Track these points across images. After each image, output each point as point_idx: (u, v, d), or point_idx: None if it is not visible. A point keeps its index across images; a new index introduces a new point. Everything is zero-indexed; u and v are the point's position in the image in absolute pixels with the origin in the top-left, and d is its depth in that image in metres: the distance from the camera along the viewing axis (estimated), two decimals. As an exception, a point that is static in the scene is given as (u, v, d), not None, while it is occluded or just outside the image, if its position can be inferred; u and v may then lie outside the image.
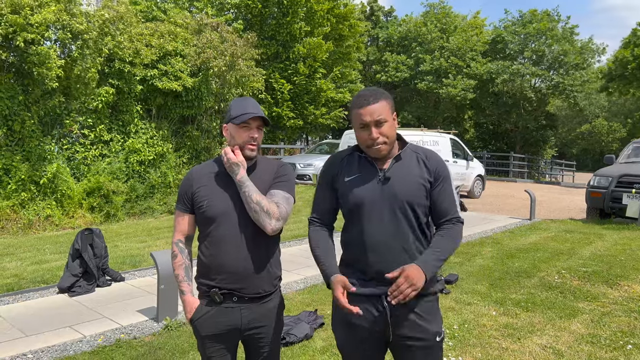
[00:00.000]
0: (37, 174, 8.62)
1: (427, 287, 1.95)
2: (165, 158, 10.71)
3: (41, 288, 5.36)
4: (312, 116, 20.83)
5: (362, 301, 1.97)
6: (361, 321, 1.97)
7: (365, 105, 1.91)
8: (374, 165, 1.98)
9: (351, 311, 1.83)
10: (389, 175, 1.96)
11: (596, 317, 4.60)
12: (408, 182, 1.95)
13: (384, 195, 1.94)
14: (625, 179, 9.30)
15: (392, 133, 1.96)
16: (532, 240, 8.15)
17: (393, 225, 1.93)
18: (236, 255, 2.04)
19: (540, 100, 29.64)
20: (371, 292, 1.95)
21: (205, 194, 2.09)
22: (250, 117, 2.05)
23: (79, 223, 8.98)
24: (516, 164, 26.92)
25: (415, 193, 1.95)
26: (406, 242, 1.94)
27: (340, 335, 2.07)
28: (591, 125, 51.08)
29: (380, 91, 1.97)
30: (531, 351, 3.86)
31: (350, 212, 2.00)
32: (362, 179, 1.98)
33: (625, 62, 21.90)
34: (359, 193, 1.96)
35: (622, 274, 6.01)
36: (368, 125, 1.90)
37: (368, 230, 1.95)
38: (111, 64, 9.61)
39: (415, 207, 1.95)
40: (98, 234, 5.60)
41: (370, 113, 1.90)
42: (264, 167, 2.16)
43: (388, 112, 1.93)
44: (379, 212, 1.94)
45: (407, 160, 2.00)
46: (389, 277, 1.80)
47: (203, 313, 2.09)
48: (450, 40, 27.87)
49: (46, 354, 3.80)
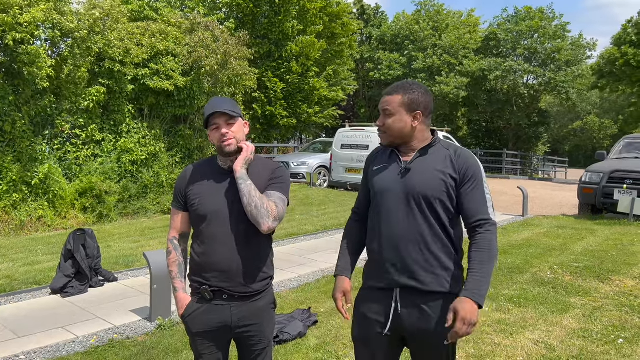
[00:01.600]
0: (29, 174, 8.56)
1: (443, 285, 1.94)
2: (157, 158, 10.66)
3: (33, 289, 5.33)
4: (305, 115, 20.80)
5: (377, 296, 2.02)
6: (374, 315, 2.01)
7: (385, 95, 2.06)
8: (399, 156, 2.05)
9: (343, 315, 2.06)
10: (410, 167, 1.99)
11: (588, 312, 4.63)
12: (428, 175, 1.95)
13: (401, 187, 1.97)
14: (617, 175, 9.38)
15: (395, 127, 2.01)
16: (525, 237, 8.20)
17: (407, 217, 1.95)
18: (226, 254, 2.04)
19: (532, 97, 29.76)
20: (385, 285, 2.00)
21: (197, 192, 2.10)
22: (212, 116, 2.05)
23: (71, 224, 8.93)
24: (509, 160, 27.04)
25: (434, 187, 1.93)
26: (421, 236, 1.93)
27: (356, 327, 2.11)
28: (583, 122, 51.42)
29: (406, 85, 2.04)
30: (523, 346, 3.88)
31: (373, 202, 2.08)
32: (386, 169, 2.05)
33: (614, 59, 22.03)
34: (380, 182, 2.04)
35: (614, 269, 6.06)
36: (380, 113, 2.06)
37: (384, 219, 2.00)
38: (101, 64, 9.55)
39: (431, 200, 1.93)
40: (90, 234, 5.58)
41: (383, 102, 2.05)
42: (260, 167, 2.16)
43: (396, 105, 2.01)
44: (395, 203, 1.97)
45: (433, 155, 2.01)
46: (447, 326, 1.83)
47: (194, 310, 2.11)
48: (443, 38, 27.94)
49: (39, 355, 3.78)
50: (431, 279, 1.93)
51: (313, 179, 14.97)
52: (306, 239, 8.14)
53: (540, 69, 27.78)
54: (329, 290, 5.32)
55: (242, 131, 2.12)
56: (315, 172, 15.37)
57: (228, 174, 2.11)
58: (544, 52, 27.21)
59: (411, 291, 1.94)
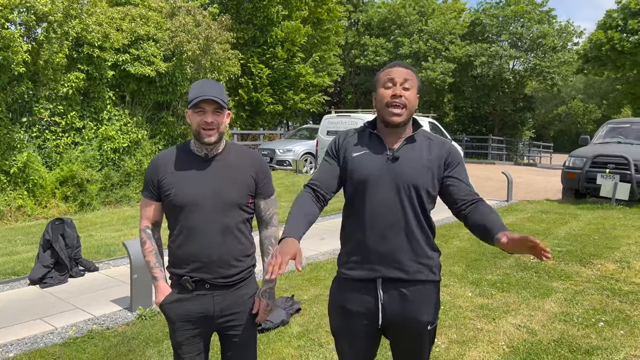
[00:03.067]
0: (7, 163, 8.38)
1: (426, 274, 1.94)
2: (140, 145, 10.50)
3: (11, 280, 5.23)
4: (291, 101, 20.64)
5: (357, 286, 1.95)
6: (356, 306, 1.95)
7: (397, 66, 1.92)
8: (384, 143, 1.95)
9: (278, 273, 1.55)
10: (398, 155, 1.92)
11: (569, 296, 4.66)
12: (417, 165, 1.91)
13: (390, 174, 1.89)
14: (600, 160, 9.44)
15: (414, 104, 1.93)
16: (509, 222, 8.23)
17: (395, 205, 1.89)
18: (206, 244, 1.99)
19: (518, 82, 29.88)
20: (366, 275, 1.92)
21: (172, 181, 2.02)
22: (202, 101, 1.94)
23: (52, 213, 8.78)
24: (495, 146, 27.19)
25: (423, 177, 1.90)
26: (407, 224, 1.90)
27: (335, 319, 2.05)
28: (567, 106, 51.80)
29: (412, 67, 1.98)
30: (505, 331, 3.89)
31: (355, 189, 1.95)
32: (370, 155, 1.94)
33: (600, 44, 22.13)
34: (365, 169, 1.92)
35: (596, 252, 6.11)
36: (395, 83, 1.89)
37: (369, 207, 1.90)
38: (80, 49, 9.33)
39: (420, 190, 1.90)
40: (69, 223, 5.47)
41: (399, 73, 1.90)
42: (237, 156, 2.09)
43: (415, 83, 1.93)
44: (382, 190, 1.89)
45: (419, 143, 1.96)
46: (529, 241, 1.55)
47: (174, 300, 2.05)
48: (429, 23, 27.82)
49: (15, 347, 3.71)
50: (416, 268, 1.91)
51: (299, 165, 14.89)
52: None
53: (526, 54, 27.85)
54: (313, 277, 5.29)
55: (225, 123, 2.05)
56: (302, 159, 15.30)
57: (204, 161, 2.04)
58: (529, 37, 27.26)
59: (394, 280, 1.91)
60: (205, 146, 2.03)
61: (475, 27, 28.73)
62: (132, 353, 3.60)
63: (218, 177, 2.02)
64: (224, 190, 2.01)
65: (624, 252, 6.11)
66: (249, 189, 2.06)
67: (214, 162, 2.05)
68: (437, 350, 3.56)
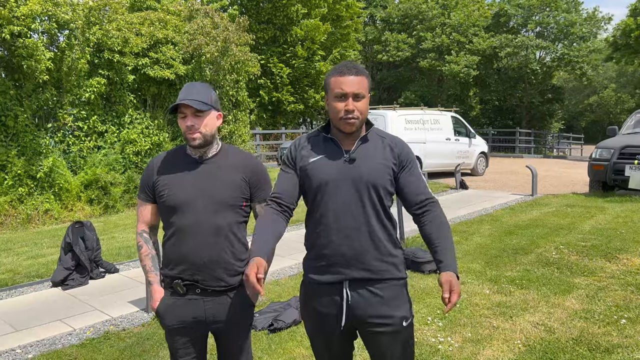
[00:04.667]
0: (34, 168, 8.61)
1: (392, 272, 1.94)
2: (162, 147, 10.66)
3: (35, 282, 5.37)
4: (312, 100, 20.66)
5: (326, 290, 1.95)
6: (327, 309, 1.94)
7: (348, 74, 1.88)
8: (339, 146, 1.94)
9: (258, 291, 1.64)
10: (354, 156, 1.92)
11: (592, 292, 4.51)
12: (373, 164, 1.92)
13: (348, 176, 1.90)
14: (628, 150, 9.13)
15: (366, 111, 1.93)
16: (532, 216, 8.04)
17: (357, 206, 1.89)
18: (196, 246, 1.98)
19: (545, 73, 29.16)
20: (333, 279, 1.92)
21: (165, 182, 2.04)
22: (181, 105, 1.96)
23: (78, 216, 8.99)
24: (522, 139, 26.61)
25: (381, 176, 1.92)
26: (369, 224, 1.90)
27: (308, 322, 2.05)
28: (599, 96, 50.31)
29: (361, 67, 1.94)
30: (522, 329, 3.79)
31: (315, 194, 1.94)
32: (327, 159, 1.94)
33: (629, 31, 21.41)
34: (323, 173, 1.91)
35: (622, 247, 5.91)
36: (346, 96, 1.87)
37: (332, 210, 1.90)
38: (100, 54, 9.52)
39: (379, 189, 1.91)
40: (89, 226, 5.59)
41: (351, 84, 1.87)
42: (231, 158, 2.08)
43: (366, 88, 1.91)
44: (343, 193, 1.90)
45: (372, 142, 1.97)
46: (447, 307, 1.77)
47: (167, 303, 2.06)
48: (452, 17, 27.41)
49: (35, 348, 3.80)
50: (382, 267, 1.92)
51: (320, 164, 14.87)
52: (310, 224, 8.09)
53: (553, 44, 27.16)
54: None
55: (212, 124, 2.03)
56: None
57: (197, 163, 2.05)
58: (556, 26, 26.57)
59: (361, 280, 1.91)
60: (195, 149, 2.03)
61: (499, 18, 28.17)
62: (146, 353, 3.64)
63: (209, 178, 2.02)
64: (214, 191, 2.00)
65: (652, 246, 5.89)
66: (241, 191, 2.04)
67: (207, 164, 2.05)
68: (450, 349, 3.50)
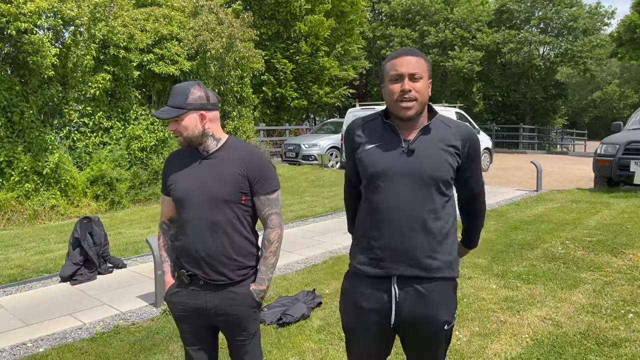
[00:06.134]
0: (40, 164, 8.64)
1: (443, 271, 1.84)
2: (167, 143, 10.68)
3: (44, 277, 5.40)
4: (316, 95, 20.64)
5: (371, 283, 1.87)
6: (369, 303, 1.87)
7: (403, 55, 1.79)
8: (398, 134, 1.84)
9: None
10: (414, 147, 1.81)
11: (598, 287, 4.53)
12: (434, 156, 1.80)
13: (406, 169, 1.79)
14: (633, 146, 9.12)
15: (426, 94, 1.81)
16: (538, 212, 8.05)
17: (414, 201, 1.79)
18: (194, 239, 2.03)
19: (548, 69, 29.08)
20: (381, 273, 1.84)
21: (172, 177, 2.11)
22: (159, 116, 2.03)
23: (84, 212, 9.02)
24: (526, 135, 26.58)
25: (442, 168, 1.80)
26: (425, 221, 1.80)
27: (347, 316, 1.98)
28: (603, 92, 50.12)
29: (420, 52, 1.85)
30: (530, 323, 3.81)
31: (369, 184, 1.86)
32: (383, 148, 1.83)
33: (634, 26, 21.31)
34: (379, 163, 1.82)
35: (628, 242, 5.92)
36: (402, 76, 1.77)
37: (386, 204, 1.81)
38: (106, 50, 9.53)
39: (439, 184, 1.81)
40: (97, 222, 5.61)
41: (407, 64, 1.77)
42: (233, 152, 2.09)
43: (425, 70, 1.80)
44: (399, 186, 1.80)
45: (435, 132, 1.84)
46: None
47: (173, 292, 2.13)
48: (455, 12, 27.33)
49: (45, 342, 3.83)
50: (434, 265, 1.82)
51: (324, 160, 14.89)
52: (315, 220, 8.12)
53: (556, 39, 27.06)
54: (335, 271, 5.29)
55: (193, 125, 2.01)
56: (327, 153, 15.29)
57: (201, 159, 2.09)
58: (559, 21, 26.47)
59: (411, 278, 1.82)
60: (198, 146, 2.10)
61: (502, 14, 28.07)
62: (156, 347, 3.67)
63: (206, 173, 2.05)
64: (211, 186, 2.02)
65: (658, 241, 5.89)
66: (238, 185, 2.03)
67: (208, 159, 2.08)
68: (459, 344, 3.52)
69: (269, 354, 3.46)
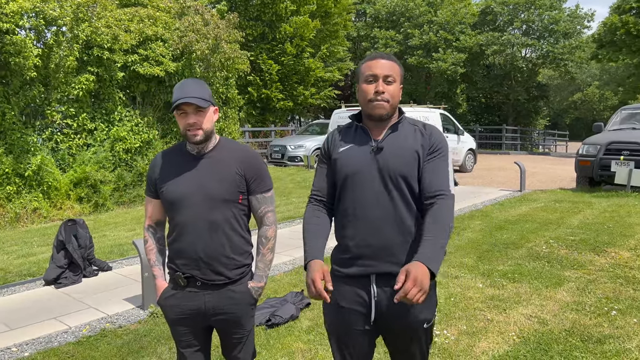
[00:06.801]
0: (22, 166, 8.51)
1: None
2: (152, 145, 10.60)
3: (27, 281, 5.32)
4: (301, 97, 20.64)
5: (351, 283, 1.89)
6: (350, 303, 1.89)
7: (379, 58, 1.87)
8: (369, 134, 1.90)
9: (325, 299, 1.71)
10: (382, 145, 1.86)
11: (582, 285, 4.61)
12: (402, 153, 1.85)
13: (376, 166, 1.85)
14: (614, 146, 9.30)
15: (397, 97, 1.89)
16: (522, 212, 8.15)
17: (385, 198, 1.84)
18: (193, 240, 2.01)
19: (531, 70, 29.50)
20: (359, 271, 1.87)
21: (165, 178, 2.07)
22: (182, 103, 1.96)
23: (67, 214, 8.91)
24: (509, 136, 26.90)
25: (409, 165, 1.85)
26: (398, 216, 1.84)
27: (329, 318, 1.99)
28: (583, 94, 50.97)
29: (395, 57, 1.94)
30: (516, 321, 3.86)
31: (342, 184, 1.90)
32: (355, 148, 1.90)
33: (614, 28, 21.72)
34: (350, 163, 1.88)
35: (610, 241, 6.03)
36: (376, 77, 1.85)
37: (359, 202, 1.85)
38: (89, 51, 9.42)
39: (409, 180, 1.85)
40: (82, 224, 5.55)
41: (381, 67, 1.85)
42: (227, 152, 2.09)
43: (398, 75, 1.89)
44: (370, 184, 1.84)
45: (403, 131, 1.90)
46: (396, 288, 1.59)
47: (169, 296, 2.10)
48: (439, 14, 27.56)
49: (30, 347, 3.78)
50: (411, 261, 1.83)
51: (310, 161, 14.90)
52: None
53: (538, 41, 27.47)
54: (323, 272, 5.29)
55: (211, 120, 2.05)
56: (313, 154, 15.30)
57: (194, 159, 2.07)
58: (541, 23, 26.88)
59: (389, 275, 1.84)
60: (195, 145, 2.05)
61: (486, 16, 28.40)
62: (143, 350, 3.64)
63: (205, 173, 2.04)
64: (209, 186, 2.01)
65: (638, 240, 6.02)
66: (236, 185, 2.04)
67: (204, 159, 2.06)
68: (447, 342, 3.55)
69: (259, 355, 3.46)
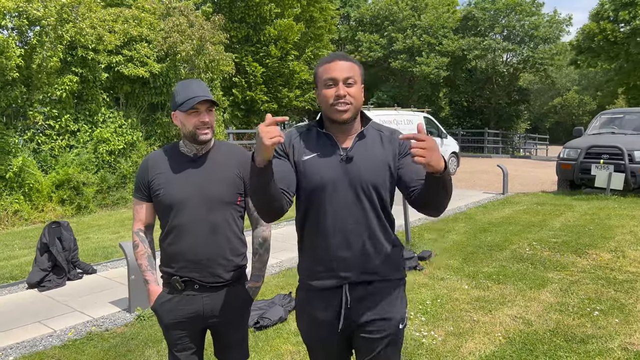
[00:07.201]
0: (2, 168, 8.37)
1: (391, 273, 1.86)
2: (135, 147, 10.50)
3: (10, 284, 5.24)
4: (286, 99, 20.62)
5: (324, 295, 1.85)
6: (324, 315, 1.85)
7: (336, 60, 1.76)
8: (335, 142, 1.81)
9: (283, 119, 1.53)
10: (352, 154, 1.79)
11: (565, 286, 4.70)
12: (373, 163, 1.79)
13: (347, 177, 1.77)
14: (594, 150, 9.50)
15: (360, 99, 1.79)
16: (505, 214, 8.28)
17: (356, 208, 1.79)
18: (194, 243, 2.01)
19: (512, 75, 29.95)
20: (333, 283, 1.83)
21: (161, 181, 2.04)
22: (198, 102, 1.96)
23: (49, 217, 8.77)
24: (491, 139, 27.22)
25: (381, 174, 1.80)
26: (369, 226, 1.81)
27: (304, 329, 1.96)
28: (563, 98, 51.88)
29: (352, 57, 1.84)
30: (502, 322, 3.93)
31: (311, 195, 1.81)
32: (322, 158, 1.79)
33: (593, 34, 22.18)
34: (319, 174, 1.78)
35: (591, 243, 6.16)
36: (336, 81, 1.74)
37: (330, 213, 1.78)
38: (73, 52, 9.31)
39: (380, 190, 1.80)
40: (66, 226, 5.48)
41: (340, 69, 1.74)
42: (225, 154, 2.10)
43: (358, 75, 1.79)
44: (342, 195, 1.78)
45: (370, 138, 1.84)
46: (406, 137, 1.49)
47: (165, 300, 2.07)
48: (422, 18, 27.83)
49: (15, 351, 3.72)
50: (382, 269, 1.84)
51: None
52: (289, 223, 8.12)
53: (519, 46, 27.92)
54: (310, 274, 5.31)
55: (214, 121, 2.08)
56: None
57: (192, 161, 2.06)
58: (521, 29, 27.33)
59: (361, 283, 1.83)
60: (197, 145, 2.05)
61: (467, 21, 28.78)
62: (131, 353, 3.62)
63: (204, 175, 2.04)
64: (210, 188, 2.02)
65: (618, 242, 6.15)
66: (236, 186, 2.06)
67: (202, 161, 2.06)
68: (434, 343, 3.59)
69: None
